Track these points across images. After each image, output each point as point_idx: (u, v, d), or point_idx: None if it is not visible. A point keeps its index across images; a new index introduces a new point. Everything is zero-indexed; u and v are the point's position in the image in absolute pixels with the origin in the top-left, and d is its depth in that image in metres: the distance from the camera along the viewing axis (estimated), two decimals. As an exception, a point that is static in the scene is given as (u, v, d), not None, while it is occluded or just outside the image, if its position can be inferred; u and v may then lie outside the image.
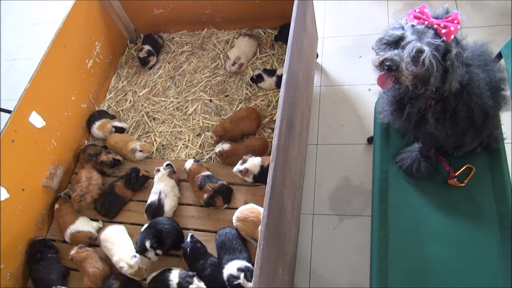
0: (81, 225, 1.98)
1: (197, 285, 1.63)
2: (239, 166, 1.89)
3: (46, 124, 2.05)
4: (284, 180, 1.55)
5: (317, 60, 2.55)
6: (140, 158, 2.19)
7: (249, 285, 1.55)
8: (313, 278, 1.93)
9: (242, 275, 1.57)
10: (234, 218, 1.78)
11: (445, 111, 1.33)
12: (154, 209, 1.91)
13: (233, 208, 1.87)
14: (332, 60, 2.57)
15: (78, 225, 1.98)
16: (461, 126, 1.34)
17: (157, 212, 1.90)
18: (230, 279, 1.60)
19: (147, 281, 1.76)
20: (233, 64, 2.33)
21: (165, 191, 1.93)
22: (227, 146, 2.00)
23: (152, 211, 1.91)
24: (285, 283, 1.64)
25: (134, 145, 2.16)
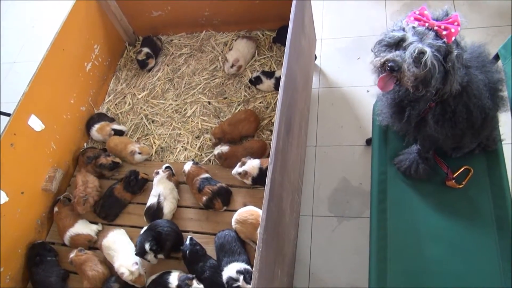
0: (81, 228, 1.98)
1: (196, 288, 1.64)
2: (238, 168, 1.89)
3: (45, 127, 2.06)
4: (283, 182, 1.55)
5: (315, 62, 2.55)
6: (139, 160, 2.20)
7: (248, 287, 1.55)
8: (312, 280, 1.93)
9: (241, 277, 1.57)
10: (233, 221, 1.78)
11: (444, 113, 1.33)
12: (153, 211, 1.91)
13: (232, 211, 1.87)
14: (330, 61, 2.58)
15: (78, 228, 1.98)
16: (460, 127, 1.35)
17: (156, 214, 1.90)
18: (230, 281, 1.60)
19: (147, 284, 1.76)
20: (232, 66, 2.33)
21: (164, 194, 1.93)
22: (226, 148, 2.00)
23: (151, 213, 1.92)
24: (284, 284, 1.64)
25: (133, 148, 2.16)
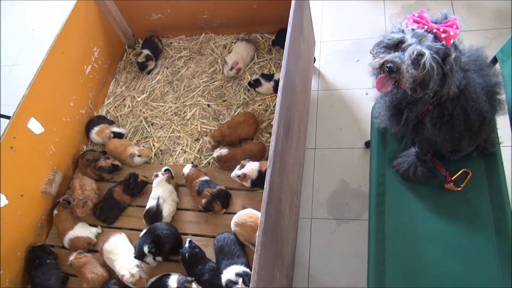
0: (80, 231, 1.99)
1: (195, 291, 1.64)
2: (237, 171, 1.89)
3: (45, 130, 2.06)
4: (282, 185, 1.55)
5: (314, 64, 2.56)
6: (139, 163, 2.20)
7: (247, 290, 1.56)
8: (312, 282, 1.93)
9: (240, 280, 1.57)
10: (232, 223, 1.79)
11: (442, 116, 1.33)
12: (153, 214, 1.91)
13: (231, 213, 1.88)
14: (329, 64, 2.58)
15: (77, 231, 1.98)
16: (458, 130, 1.35)
17: (155, 217, 1.90)
18: (229, 284, 1.60)
19: (146, 286, 1.76)
20: (231, 69, 2.34)
21: (164, 196, 1.93)
22: (225, 151, 2.01)
23: (150, 216, 1.92)
24: (284, 287, 1.64)
25: (132, 150, 2.16)
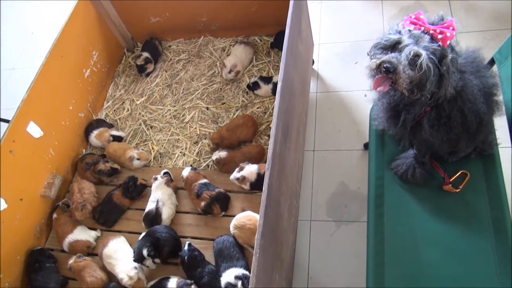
0: (80, 234, 1.99)
1: (195, 293, 1.64)
2: (236, 174, 1.90)
3: (44, 133, 2.06)
4: (281, 187, 1.55)
5: (313, 67, 2.56)
6: (138, 166, 2.20)
7: (246, 292, 1.56)
8: (311, 284, 1.93)
9: (239, 283, 1.57)
10: (231, 226, 1.79)
11: (439, 117, 1.33)
12: (152, 217, 1.91)
13: (230, 216, 1.88)
14: (328, 66, 2.59)
15: (77, 234, 1.99)
16: (456, 132, 1.35)
17: (154, 220, 1.91)
18: (228, 287, 1.60)
19: (146, 289, 1.77)
20: (230, 71, 2.34)
21: (163, 200, 1.93)
22: (224, 154, 2.01)
23: (150, 219, 1.92)
24: (283, 290, 1.64)
25: (131, 154, 2.17)
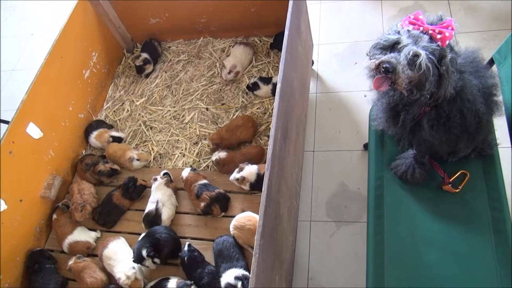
0: (79, 235, 1.99)
1: (194, 294, 1.64)
2: (236, 174, 1.90)
3: (44, 134, 2.06)
4: (280, 188, 1.55)
5: (312, 67, 2.56)
6: (138, 167, 2.20)
7: (246, 293, 1.56)
8: (311, 285, 1.93)
9: (239, 283, 1.57)
10: (231, 226, 1.79)
11: (439, 118, 1.33)
12: (152, 218, 1.91)
13: (230, 216, 1.88)
14: (327, 67, 2.59)
15: (76, 235, 1.99)
16: (455, 132, 1.35)
17: (154, 221, 1.91)
18: (228, 287, 1.60)
19: (145, 290, 1.76)
20: (229, 72, 2.34)
21: (163, 200, 1.93)
22: (224, 154, 2.01)
23: (149, 220, 1.92)
24: (283, 290, 1.64)
25: (131, 154, 2.17)
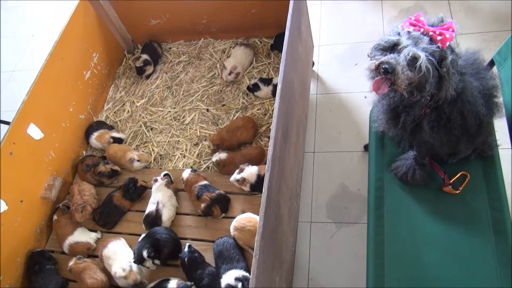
0: (80, 236, 1.99)
1: (195, 295, 1.64)
2: (236, 175, 1.90)
3: (44, 135, 2.06)
4: (280, 189, 1.55)
5: (313, 68, 2.56)
6: (138, 168, 2.20)
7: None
8: (311, 285, 1.93)
9: (239, 284, 1.57)
10: (231, 227, 1.79)
11: (439, 119, 1.33)
12: (152, 219, 1.91)
13: (230, 217, 1.88)
14: (328, 68, 2.59)
15: (77, 236, 1.99)
16: (456, 133, 1.35)
17: (155, 222, 1.91)
18: (228, 288, 1.60)
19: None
20: (230, 73, 2.35)
21: (163, 201, 1.94)
22: (224, 155, 2.01)
23: (150, 221, 1.92)
24: (283, 291, 1.64)
25: (132, 155, 2.17)
